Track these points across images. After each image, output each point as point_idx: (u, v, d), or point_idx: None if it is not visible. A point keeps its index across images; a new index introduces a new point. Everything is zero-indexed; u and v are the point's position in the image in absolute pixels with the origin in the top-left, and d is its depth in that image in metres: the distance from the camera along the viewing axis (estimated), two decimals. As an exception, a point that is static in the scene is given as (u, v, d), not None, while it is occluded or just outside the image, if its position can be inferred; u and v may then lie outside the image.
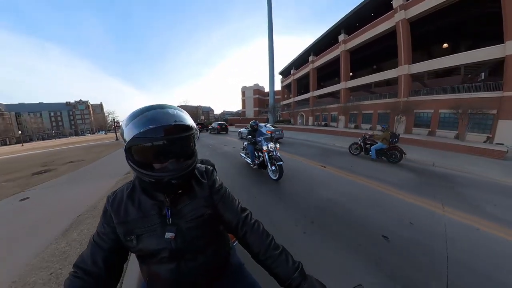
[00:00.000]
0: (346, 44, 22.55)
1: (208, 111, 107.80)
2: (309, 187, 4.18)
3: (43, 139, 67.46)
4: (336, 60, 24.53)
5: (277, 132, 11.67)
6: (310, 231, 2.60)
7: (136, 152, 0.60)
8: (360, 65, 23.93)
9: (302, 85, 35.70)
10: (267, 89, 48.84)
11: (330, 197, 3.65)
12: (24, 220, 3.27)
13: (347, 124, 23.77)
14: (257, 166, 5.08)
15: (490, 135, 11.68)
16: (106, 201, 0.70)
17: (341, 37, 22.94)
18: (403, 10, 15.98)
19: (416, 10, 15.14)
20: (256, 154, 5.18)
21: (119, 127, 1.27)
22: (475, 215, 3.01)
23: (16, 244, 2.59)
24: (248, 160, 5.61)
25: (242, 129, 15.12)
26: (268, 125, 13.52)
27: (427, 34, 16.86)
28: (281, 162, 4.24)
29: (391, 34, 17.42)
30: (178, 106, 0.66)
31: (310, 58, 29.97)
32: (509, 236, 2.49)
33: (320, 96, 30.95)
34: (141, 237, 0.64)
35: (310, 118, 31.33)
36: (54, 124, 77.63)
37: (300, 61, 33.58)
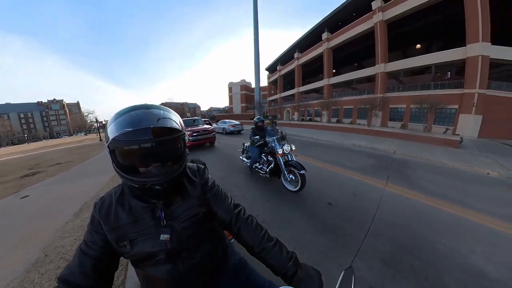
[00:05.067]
0: (329, 42, 23.27)
1: (194, 107, 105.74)
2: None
3: (13, 144, 60.43)
4: (320, 57, 25.25)
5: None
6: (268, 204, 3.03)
7: (119, 155, 0.57)
8: (342, 63, 24.86)
9: (288, 81, 36.23)
10: (254, 85, 48.97)
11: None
12: (35, 210, 3.44)
13: (329, 119, 24.80)
14: (269, 174, 3.96)
15: (451, 128, 12.98)
16: (93, 208, 0.66)
17: (324, 35, 23.59)
18: (381, 12, 16.86)
19: (393, 12, 16.04)
20: (265, 159, 4.17)
21: (104, 126, 1.25)
22: (410, 189, 3.63)
23: (35, 227, 2.85)
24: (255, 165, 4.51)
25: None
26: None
27: (403, 35, 17.95)
28: (304, 171, 3.20)
29: (370, 34, 18.31)
30: (163, 104, 0.64)
31: (296, 55, 30.46)
32: (429, 202, 3.08)
33: (305, 92, 31.75)
34: (135, 241, 0.62)
35: (296, 114, 32.12)
36: (25, 126, 69.86)
37: (286, 57, 34.04)
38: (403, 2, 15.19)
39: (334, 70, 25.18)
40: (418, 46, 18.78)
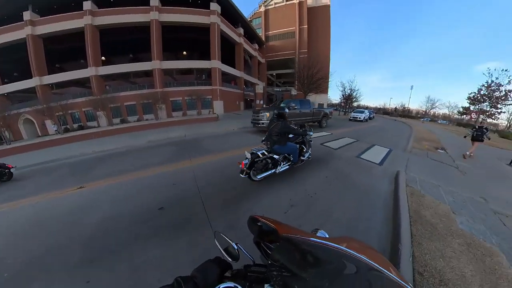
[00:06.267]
0: (95, 17, 18.38)
1: None
2: None
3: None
4: (80, 34, 18.84)
5: None
6: None
7: None
8: (116, 51, 21.60)
9: (11, 63, 21.85)
10: None
11: None
12: None
13: (110, 121, 20.05)
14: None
15: (211, 110, 18.35)
16: None
17: (87, 4, 17.96)
18: (157, 12, 17.57)
19: (168, 17, 17.74)
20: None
21: None
22: (207, 155, 5.36)
23: None
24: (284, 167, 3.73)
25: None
26: None
27: (175, 40, 20.78)
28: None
29: (147, 28, 18.12)
30: None
31: (28, 15, 18.12)
32: (220, 156, 3.52)
33: (59, 86, 21.47)
34: None
35: (49, 122, 19.87)
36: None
37: None
38: (179, 14, 17.63)
39: (103, 58, 20.88)
40: (184, 52, 23.16)
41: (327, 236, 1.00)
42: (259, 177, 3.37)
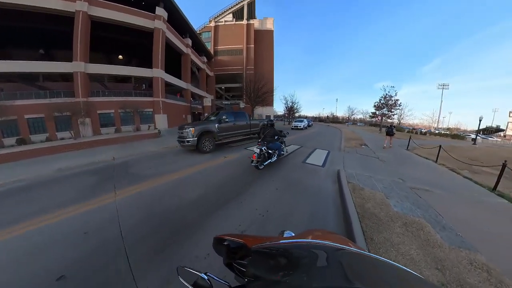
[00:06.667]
0: None
1: None
2: None
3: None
4: None
5: None
6: None
7: None
8: (18, 41, 16.60)
9: None
10: None
11: None
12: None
13: None
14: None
15: (152, 124, 16.47)
16: None
17: None
18: (87, 3, 14.57)
19: (101, 12, 14.90)
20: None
21: None
22: (138, 183, 4.46)
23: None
24: (274, 158, 5.70)
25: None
26: None
27: (109, 40, 17.90)
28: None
29: (69, 19, 14.68)
30: None
31: None
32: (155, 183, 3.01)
33: None
34: None
35: None
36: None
37: None
38: (116, 11, 15.12)
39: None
40: (120, 57, 20.34)
41: (293, 234, 1.05)
42: (263, 165, 5.13)
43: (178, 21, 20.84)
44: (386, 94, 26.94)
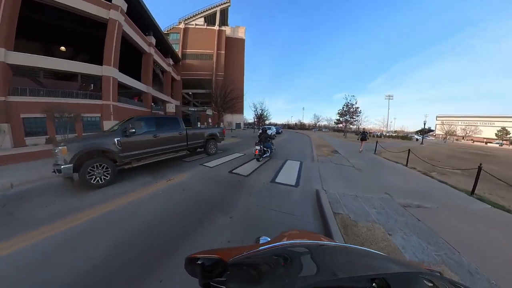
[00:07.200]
0: None
1: None
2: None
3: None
4: None
5: None
6: None
7: None
8: None
9: None
10: None
11: None
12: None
13: None
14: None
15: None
16: None
17: None
18: None
19: None
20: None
21: None
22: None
23: None
24: (267, 154, 8.11)
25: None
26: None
27: (46, 26, 14.51)
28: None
29: None
30: None
31: None
32: None
33: None
34: None
35: None
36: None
37: None
38: None
39: None
40: (63, 48, 17.04)
41: (269, 239, 1.03)
42: (261, 158, 7.58)
43: (140, 16, 18.59)
44: (348, 102, 29.28)
